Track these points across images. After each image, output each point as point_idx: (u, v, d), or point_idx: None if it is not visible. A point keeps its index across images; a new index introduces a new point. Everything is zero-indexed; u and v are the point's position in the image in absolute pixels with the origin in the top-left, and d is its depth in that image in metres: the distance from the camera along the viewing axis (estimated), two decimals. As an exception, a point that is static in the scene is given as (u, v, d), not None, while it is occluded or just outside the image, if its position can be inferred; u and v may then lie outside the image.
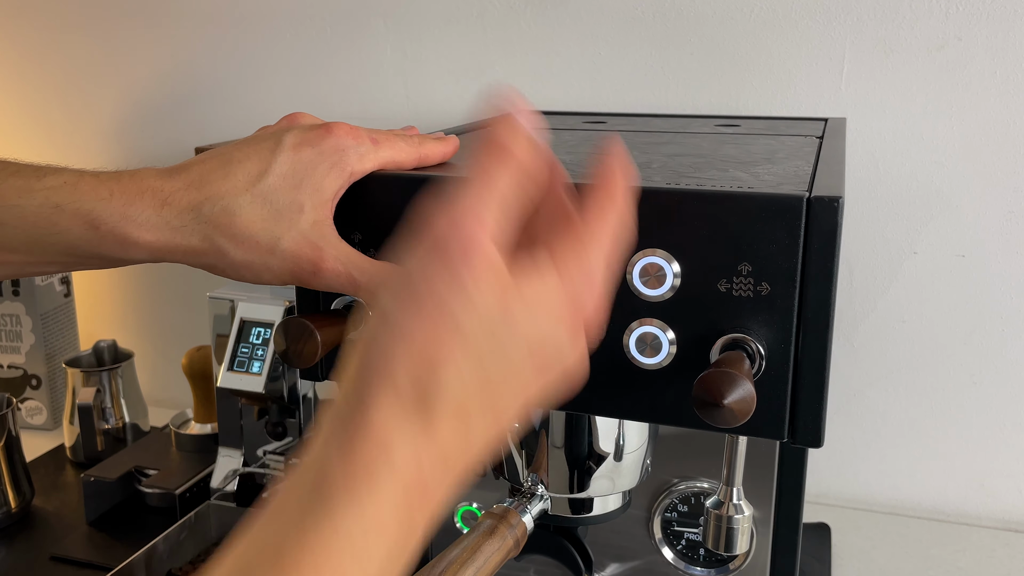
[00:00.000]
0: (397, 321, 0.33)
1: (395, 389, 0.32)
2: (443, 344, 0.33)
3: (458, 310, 0.33)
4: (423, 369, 0.32)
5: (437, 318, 0.33)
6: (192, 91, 1.24)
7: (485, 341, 0.33)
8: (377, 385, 0.32)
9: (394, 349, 0.33)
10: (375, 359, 0.33)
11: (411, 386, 0.32)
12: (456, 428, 0.33)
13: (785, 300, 0.46)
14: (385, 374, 0.32)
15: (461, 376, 0.33)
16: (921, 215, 0.97)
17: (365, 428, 0.32)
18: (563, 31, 1.06)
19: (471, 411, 0.33)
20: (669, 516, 0.73)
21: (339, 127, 0.52)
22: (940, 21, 0.93)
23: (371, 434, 0.31)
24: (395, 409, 0.32)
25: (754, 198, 0.46)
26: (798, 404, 0.48)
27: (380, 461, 0.31)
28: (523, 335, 0.34)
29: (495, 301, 0.33)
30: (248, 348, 0.93)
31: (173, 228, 0.49)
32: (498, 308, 0.34)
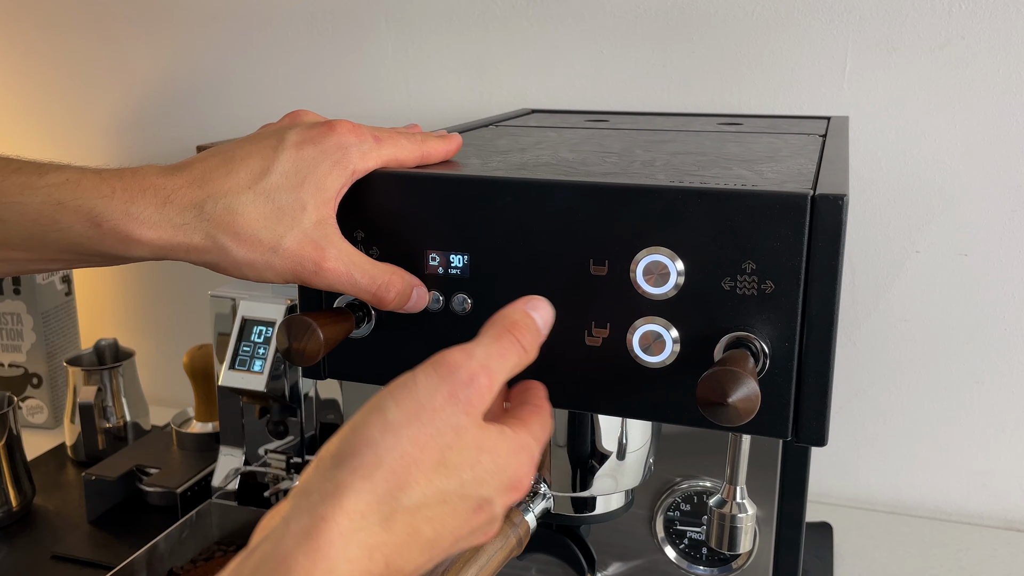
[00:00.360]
0: (396, 427, 0.37)
1: (372, 485, 0.36)
2: (423, 468, 0.37)
3: (447, 444, 0.38)
4: (401, 481, 0.36)
5: (429, 442, 0.37)
6: (193, 89, 1.24)
7: (454, 482, 0.38)
8: (358, 474, 0.36)
9: (385, 451, 0.37)
10: (363, 449, 0.37)
11: (385, 487, 0.36)
12: (405, 543, 0.37)
13: (789, 298, 0.46)
14: (368, 468, 0.36)
15: (426, 503, 0.37)
16: (923, 214, 0.97)
17: (335, 514, 0.35)
18: (565, 29, 1.05)
19: (421, 533, 0.37)
20: (672, 515, 0.73)
21: (342, 125, 0.52)
22: (943, 19, 0.93)
23: (339, 521, 0.35)
24: (366, 502, 0.35)
25: (758, 196, 0.46)
26: (802, 402, 0.48)
27: (340, 552, 0.34)
28: (481, 492, 0.39)
29: (475, 456, 0.39)
30: (249, 347, 0.93)
31: (175, 226, 0.48)
32: (473, 460, 0.39)
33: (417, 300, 0.52)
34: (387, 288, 0.51)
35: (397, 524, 0.36)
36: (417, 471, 0.37)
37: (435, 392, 0.38)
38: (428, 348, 0.53)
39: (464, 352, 0.40)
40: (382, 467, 0.36)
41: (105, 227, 0.48)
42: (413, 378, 0.39)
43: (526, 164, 0.56)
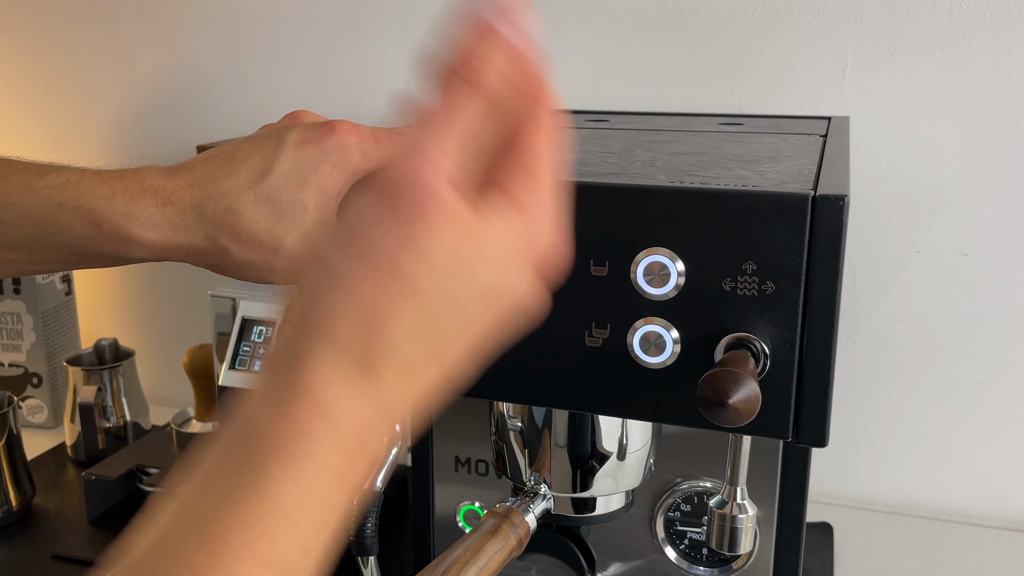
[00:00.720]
0: (341, 275, 0.31)
1: (336, 347, 0.30)
2: (392, 302, 0.31)
3: (408, 265, 0.31)
4: (369, 327, 0.31)
5: (385, 273, 0.31)
6: (194, 89, 1.23)
7: (436, 295, 0.31)
8: (317, 343, 0.30)
9: (337, 305, 0.31)
10: (315, 314, 0.31)
11: (356, 344, 0.31)
12: (401, 382, 0.31)
13: (790, 299, 0.46)
14: (325, 331, 0.31)
15: (410, 333, 0.31)
16: (924, 214, 0.97)
17: (303, 388, 0.30)
18: (565, 29, 1.05)
19: (417, 364, 0.32)
20: (672, 515, 0.73)
21: (342, 125, 0.51)
22: (944, 19, 0.92)
23: (309, 395, 0.30)
24: (337, 369, 0.30)
25: (759, 196, 0.46)
26: (803, 403, 0.48)
27: (319, 425, 0.30)
28: (476, 283, 0.32)
29: (449, 254, 0.31)
30: (250, 347, 0.93)
31: (175, 227, 0.48)
32: (452, 261, 0.31)
33: None
34: None
35: (385, 372, 0.31)
36: (385, 306, 0.31)
37: (375, 215, 0.31)
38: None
39: (397, 156, 0.32)
40: (342, 320, 0.30)
41: (105, 228, 0.48)
42: (353, 211, 0.32)
43: (526, 164, 0.56)
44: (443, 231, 0.31)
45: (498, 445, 0.65)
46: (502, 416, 0.64)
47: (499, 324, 0.34)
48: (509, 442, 0.64)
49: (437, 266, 0.31)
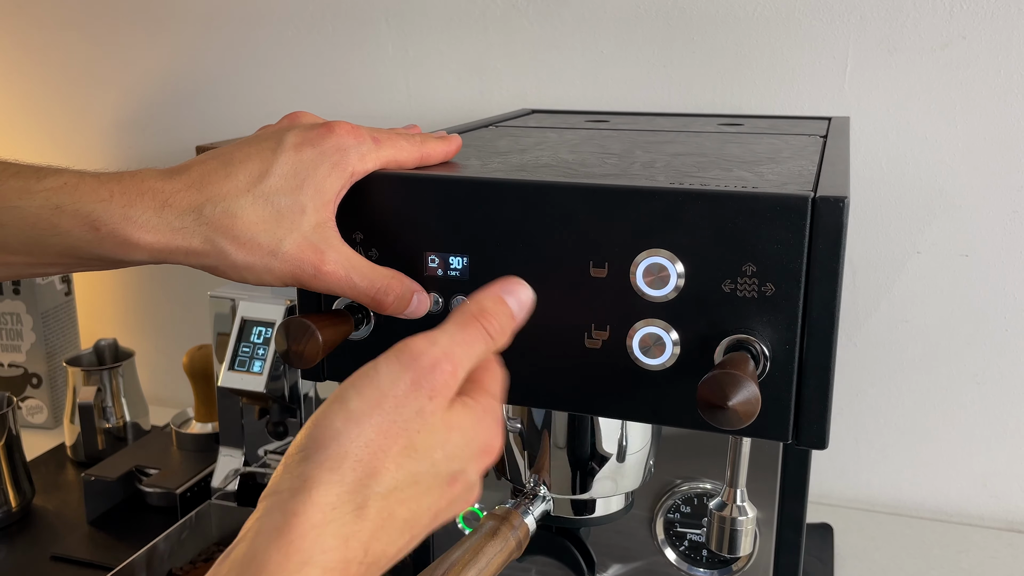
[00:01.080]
0: (359, 417, 0.37)
1: (340, 477, 0.36)
2: (392, 455, 0.37)
3: (413, 429, 0.38)
4: (370, 469, 0.36)
5: (395, 429, 0.37)
6: (193, 90, 1.23)
7: (426, 463, 0.38)
8: (324, 467, 0.36)
9: (349, 442, 0.36)
10: (327, 442, 0.37)
11: (354, 477, 0.36)
12: (381, 528, 0.37)
13: (790, 301, 0.46)
14: (334, 460, 0.36)
15: (398, 487, 0.37)
16: (924, 214, 0.97)
17: (306, 509, 0.35)
18: (565, 29, 1.05)
19: (396, 516, 0.37)
20: (672, 517, 0.73)
21: (340, 126, 0.51)
22: (944, 20, 0.92)
23: (310, 515, 0.35)
24: (336, 494, 0.35)
25: (759, 198, 0.46)
26: (803, 405, 0.48)
27: (313, 544, 0.34)
28: (454, 463, 0.39)
29: (444, 436, 0.39)
30: (249, 347, 0.93)
31: (174, 229, 0.48)
32: (443, 440, 0.39)
33: (418, 306, 0.52)
34: (385, 292, 0.50)
35: (371, 510, 0.36)
36: (385, 458, 0.37)
37: (397, 380, 0.38)
38: (427, 350, 0.53)
39: (427, 339, 0.40)
40: (348, 458, 0.36)
41: (103, 231, 0.48)
42: (375, 367, 0.39)
43: (526, 165, 0.56)
44: (444, 416, 0.39)
45: (497, 446, 0.65)
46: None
47: (452, 507, 0.41)
48: (508, 444, 0.64)
49: (434, 440, 0.38)
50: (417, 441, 0.38)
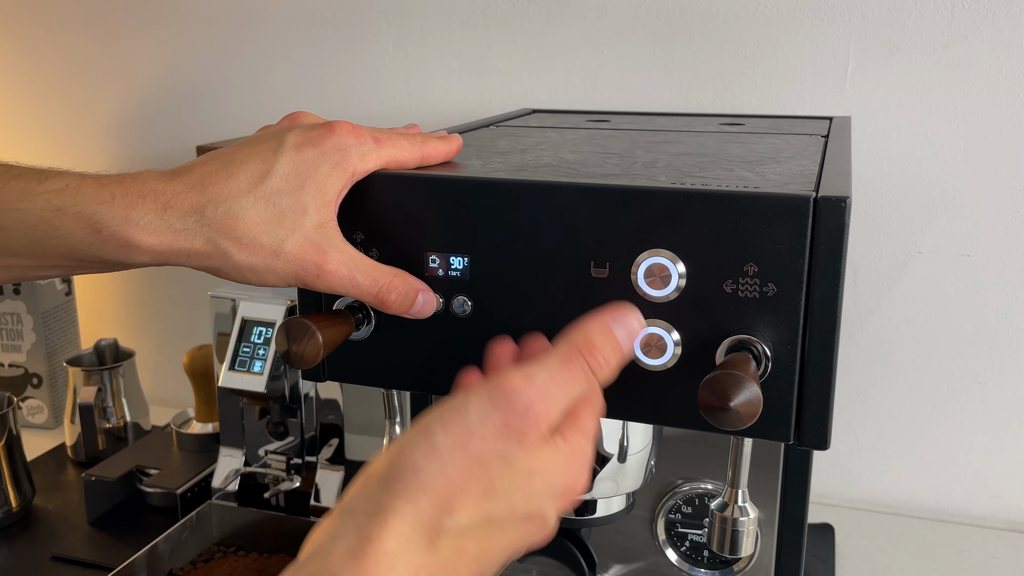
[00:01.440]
0: (439, 451, 0.37)
1: (416, 509, 0.36)
2: (470, 495, 0.37)
3: (496, 472, 0.38)
4: (447, 506, 0.37)
5: (477, 468, 0.37)
6: (194, 90, 1.23)
7: (503, 505, 0.38)
8: (403, 498, 0.36)
9: (429, 477, 0.37)
10: (408, 474, 0.37)
11: (431, 512, 0.36)
12: (451, 563, 0.37)
13: (791, 301, 0.46)
14: (413, 493, 0.36)
15: (473, 525, 0.37)
16: (926, 214, 0.97)
17: (381, 535, 0.35)
18: (566, 29, 1.05)
19: (467, 551, 0.37)
20: (673, 517, 0.72)
21: (341, 126, 0.51)
22: (945, 20, 0.92)
23: (385, 543, 0.35)
24: (411, 525, 0.36)
25: (760, 198, 0.46)
26: (804, 406, 0.47)
27: (386, 571, 0.35)
28: (530, 505, 0.39)
29: (526, 480, 0.38)
30: (249, 347, 0.93)
31: (175, 231, 0.48)
32: (524, 483, 0.38)
33: (423, 306, 0.52)
34: (389, 290, 0.50)
35: (443, 545, 0.36)
36: (463, 497, 0.37)
37: (486, 420, 0.38)
38: (428, 350, 0.53)
39: (525, 377, 0.39)
40: (427, 492, 0.36)
41: (105, 233, 0.48)
42: (466, 402, 0.39)
43: (527, 165, 0.56)
44: (529, 459, 0.39)
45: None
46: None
47: (524, 543, 0.41)
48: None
49: (515, 484, 0.38)
50: (498, 484, 0.38)
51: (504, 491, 0.38)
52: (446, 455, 0.37)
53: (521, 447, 0.38)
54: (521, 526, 0.39)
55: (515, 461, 0.38)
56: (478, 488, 0.37)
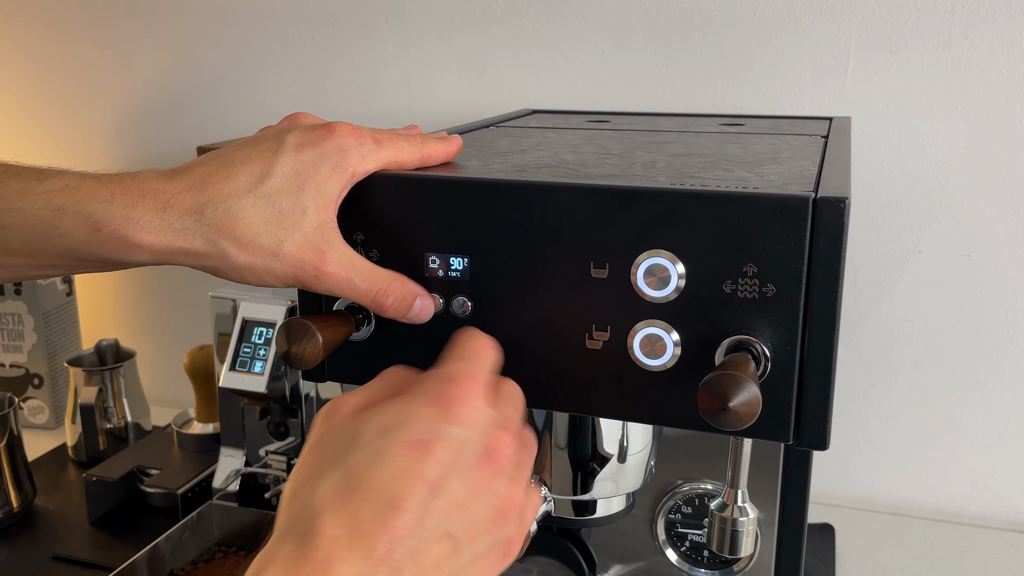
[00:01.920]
0: (379, 453, 0.39)
1: (353, 519, 0.37)
2: (411, 496, 0.38)
3: (439, 465, 0.39)
4: (384, 509, 0.37)
5: (417, 463, 0.39)
6: (194, 90, 1.23)
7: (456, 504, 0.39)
8: (333, 510, 0.37)
9: (363, 482, 0.38)
10: (332, 481, 0.38)
11: (370, 520, 0.37)
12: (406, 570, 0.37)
13: (791, 302, 0.46)
14: (343, 507, 0.37)
15: (420, 528, 0.38)
16: (926, 214, 0.97)
17: (314, 547, 0.36)
18: (566, 30, 1.05)
19: (428, 565, 0.38)
20: (673, 518, 0.73)
21: (341, 127, 0.51)
22: (945, 20, 0.92)
23: (318, 555, 0.36)
24: (347, 537, 0.36)
25: (760, 199, 0.46)
26: (804, 406, 0.47)
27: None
28: (493, 504, 0.41)
29: (462, 449, 0.40)
30: (250, 348, 0.93)
31: (175, 231, 0.48)
32: (464, 459, 0.40)
33: (420, 311, 0.51)
34: (385, 294, 0.50)
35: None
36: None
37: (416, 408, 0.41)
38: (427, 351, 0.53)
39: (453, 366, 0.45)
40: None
41: (105, 232, 0.48)
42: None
43: (526, 166, 0.56)
44: (467, 417, 0.41)
45: (498, 447, 0.65)
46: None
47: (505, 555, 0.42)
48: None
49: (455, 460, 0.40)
50: (442, 477, 0.40)
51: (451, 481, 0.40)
52: (386, 451, 0.39)
53: (458, 413, 0.41)
54: (494, 528, 0.41)
55: (454, 428, 0.41)
56: (420, 485, 0.39)
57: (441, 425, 0.40)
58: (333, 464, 0.39)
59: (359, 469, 0.39)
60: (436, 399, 0.42)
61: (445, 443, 0.40)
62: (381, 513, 0.37)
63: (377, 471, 0.38)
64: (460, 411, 0.41)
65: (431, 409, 0.41)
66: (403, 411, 0.41)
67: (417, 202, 0.52)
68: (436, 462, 0.39)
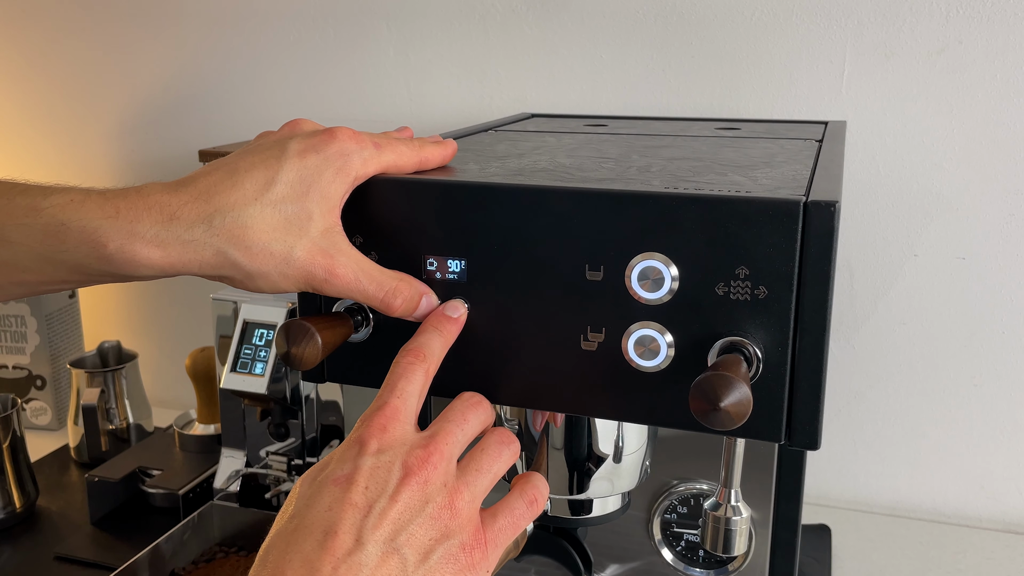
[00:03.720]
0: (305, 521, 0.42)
1: (296, 551, 0.41)
2: (344, 521, 0.42)
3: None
4: (322, 538, 0.41)
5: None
6: (196, 94, 1.24)
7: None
8: (278, 549, 0.41)
9: (302, 522, 0.42)
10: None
11: (312, 549, 0.41)
12: None
13: (782, 304, 0.47)
14: (289, 542, 0.42)
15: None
16: (921, 217, 0.98)
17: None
18: (564, 33, 1.06)
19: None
20: (668, 517, 0.73)
21: (342, 132, 0.52)
22: (940, 24, 0.93)
23: None
24: (291, 568, 0.40)
25: (751, 203, 0.46)
26: (795, 407, 0.48)
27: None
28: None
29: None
30: (251, 349, 0.94)
31: (183, 243, 0.48)
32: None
33: (427, 309, 0.52)
34: (394, 295, 0.51)
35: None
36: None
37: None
38: (426, 352, 0.54)
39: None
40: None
41: (111, 247, 0.47)
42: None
43: (523, 170, 0.57)
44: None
45: (496, 447, 0.66)
46: (499, 419, 0.65)
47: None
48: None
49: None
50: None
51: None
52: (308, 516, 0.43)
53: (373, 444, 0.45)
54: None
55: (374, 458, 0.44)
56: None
57: (360, 459, 0.44)
58: (279, 520, 0.44)
59: (297, 514, 0.43)
60: (354, 441, 0.45)
61: (366, 472, 0.44)
62: (320, 542, 0.41)
63: (313, 510, 0.43)
64: (373, 443, 0.45)
65: (350, 450, 0.45)
66: (328, 459, 0.46)
67: (416, 205, 0.53)
68: (362, 489, 0.43)
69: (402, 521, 0.42)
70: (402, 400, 0.47)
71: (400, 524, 0.42)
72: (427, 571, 0.42)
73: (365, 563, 0.41)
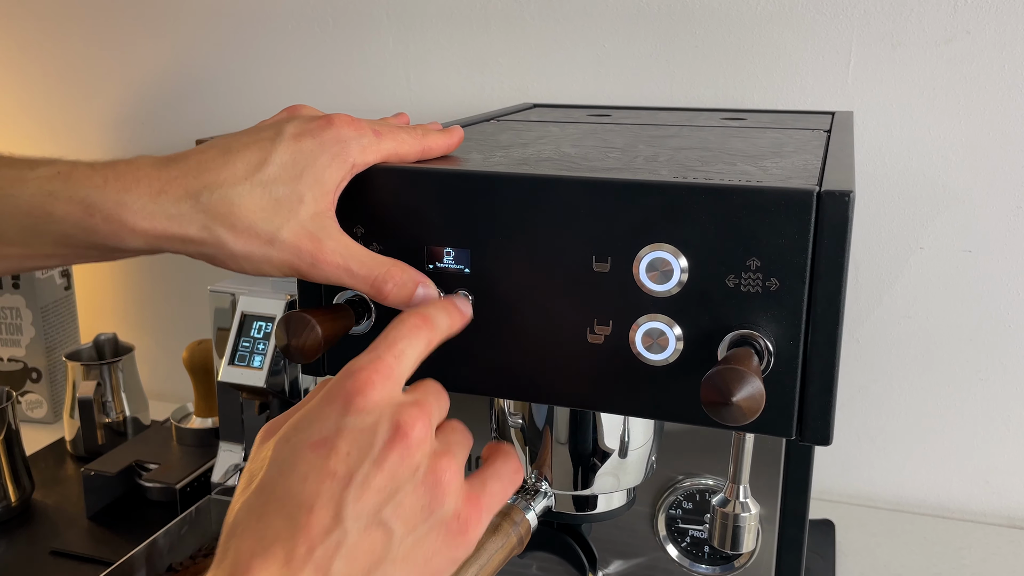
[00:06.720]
0: (290, 488, 0.38)
1: (267, 530, 0.37)
2: (321, 494, 0.38)
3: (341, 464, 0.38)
4: (296, 513, 0.37)
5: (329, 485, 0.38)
6: (193, 84, 1.23)
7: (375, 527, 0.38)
8: (246, 529, 0.37)
9: (272, 495, 0.38)
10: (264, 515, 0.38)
11: (283, 527, 0.37)
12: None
13: (794, 296, 0.46)
14: (258, 518, 0.38)
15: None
16: (927, 210, 0.97)
17: (234, 571, 0.36)
18: (567, 23, 1.05)
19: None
20: (674, 513, 0.72)
21: (340, 118, 0.51)
22: (948, 14, 0.92)
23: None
24: (262, 549, 0.36)
25: (763, 192, 0.45)
26: (807, 401, 0.47)
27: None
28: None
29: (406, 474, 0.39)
30: (249, 342, 0.93)
31: (170, 216, 0.48)
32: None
33: (423, 299, 0.50)
34: (385, 280, 0.49)
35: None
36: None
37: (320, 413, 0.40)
38: (429, 345, 0.53)
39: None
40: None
41: (97, 217, 0.47)
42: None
43: (528, 159, 0.56)
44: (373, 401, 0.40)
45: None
46: (503, 413, 0.64)
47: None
48: (510, 439, 0.64)
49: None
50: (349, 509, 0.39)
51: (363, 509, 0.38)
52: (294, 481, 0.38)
53: (361, 402, 0.39)
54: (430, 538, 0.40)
55: (357, 420, 0.39)
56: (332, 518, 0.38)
57: (342, 419, 0.39)
58: (245, 487, 0.39)
59: (268, 484, 0.38)
60: (336, 395, 0.40)
61: (348, 435, 0.39)
62: (293, 518, 0.37)
63: (285, 480, 0.38)
64: (359, 401, 0.39)
65: (332, 406, 0.40)
66: (305, 416, 0.40)
67: (419, 195, 0.52)
68: (342, 456, 0.38)
69: (389, 490, 0.38)
70: (398, 361, 0.41)
71: (387, 494, 0.38)
72: (415, 542, 0.39)
73: (346, 541, 0.37)
